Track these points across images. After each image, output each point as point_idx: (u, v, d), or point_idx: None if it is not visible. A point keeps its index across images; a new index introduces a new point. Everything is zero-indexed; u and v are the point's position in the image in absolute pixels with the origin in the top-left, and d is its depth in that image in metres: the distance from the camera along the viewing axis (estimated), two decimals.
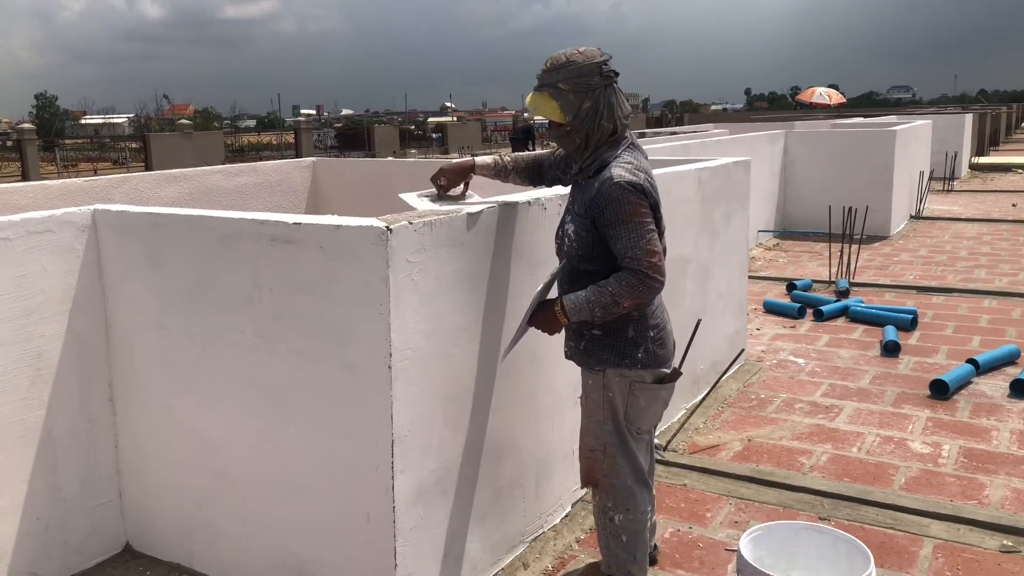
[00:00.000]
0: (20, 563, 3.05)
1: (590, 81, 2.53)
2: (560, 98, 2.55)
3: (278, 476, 2.91)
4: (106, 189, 5.65)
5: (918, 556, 3.26)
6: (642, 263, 2.46)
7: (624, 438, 2.72)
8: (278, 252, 2.74)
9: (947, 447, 4.22)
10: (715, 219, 4.95)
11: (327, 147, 33.20)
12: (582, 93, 2.53)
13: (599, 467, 2.75)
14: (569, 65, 2.54)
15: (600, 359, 2.67)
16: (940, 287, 7.65)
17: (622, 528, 2.77)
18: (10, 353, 2.96)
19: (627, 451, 2.73)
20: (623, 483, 2.73)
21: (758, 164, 7.88)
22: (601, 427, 2.72)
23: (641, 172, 2.54)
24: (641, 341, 2.64)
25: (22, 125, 25.82)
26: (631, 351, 2.64)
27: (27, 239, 2.99)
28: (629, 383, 2.66)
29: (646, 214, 2.49)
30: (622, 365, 2.64)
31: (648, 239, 2.48)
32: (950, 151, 15.42)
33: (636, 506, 2.76)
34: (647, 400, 2.69)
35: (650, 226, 2.49)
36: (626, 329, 2.63)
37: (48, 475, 3.11)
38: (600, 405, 2.71)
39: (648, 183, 2.54)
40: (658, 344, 2.68)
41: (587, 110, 2.54)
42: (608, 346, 2.65)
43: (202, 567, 3.21)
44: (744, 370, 5.45)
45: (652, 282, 2.48)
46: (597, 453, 2.75)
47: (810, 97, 27.82)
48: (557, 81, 2.54)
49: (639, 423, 2.72)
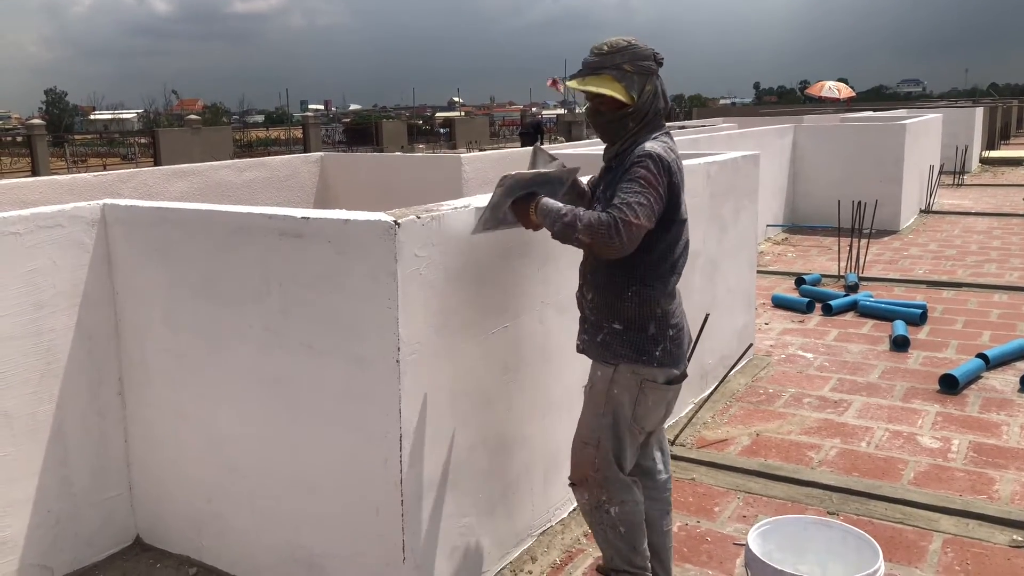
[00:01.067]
0: (31, 555, 3.08)
1: (650, 65, 2.59)
2: (625, 79, 2.57)
3: (287, 469, 2.92)
4: (115, 184, 5.67)
5: (927, 551, 3.25)
6: (622, 212, 2.39)
7: (620, 433, 2.68)
8: (287, 246, 2.75)
9: (957, 442, 4.21)
10: (724, 213, 4.94)
11: (335, 142, 33.23)
12: (644, 75, 2.58)
13: (589, 462, 2.71)
14: (632, 48, 2.58)
15: (616, 353, 2.63)
16: (950, 282, 7.61)
17: (619, 519, 2.74)
18: (21, 347, 2.98)
19: (620, 447, 2.69)
20: (615, 475, 2.70)
21: (767, 158, 7.86)
22: (599, 420, 2.68)
23: (672, 153, 2.56)
24: (661, 339, 2.62)
25: (32, 120, 25.92)
26: (650, 348, 2.61)
27: (37, 234, 3.01)
28: (640, 380, 2.62)
29: (657, 185, 2.45)
30: (639, 361, 2.61)
31: (640, 201, 2.41)
32: (960, 145, 15.34)
33: (632, 496, 2.73)
34: (655, 400, 2.67)
35: (651, 196, 2.44)
36: (647, 326, 2.60)
37: (59, 468, 3.13)
38: (603, 397, 2.68)
39: (676, 165, 2.55)
40: (676, 344, 2.66)
41: (649, 92, 2.59)
42: (627, 341, 2.62)
43: (212, 560, 3.22)
44: (752, 365, 5.44)
45: (616, 235, 2.38)
46: (589, 448, 2.71)
47: (819, 91, 27.70)
48: (622, 63, 2.56)
49: (643, 423, 2.69)
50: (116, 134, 38.03)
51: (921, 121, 11.56)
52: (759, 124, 12.94)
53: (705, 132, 10.63)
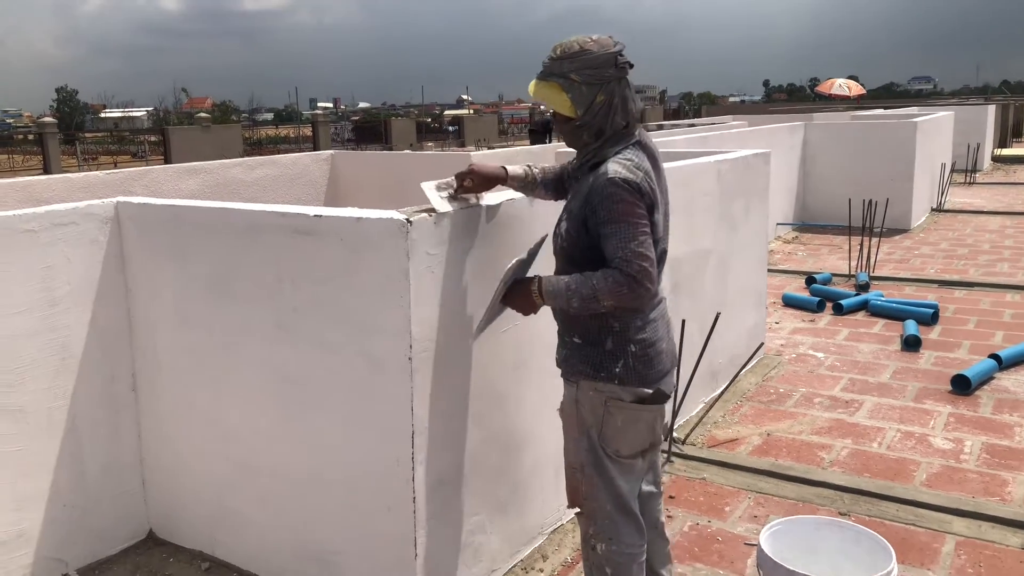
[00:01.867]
0: (46, 549, 3.10)
1: (604, 73, 2.32)
2: (572, 91, 2.34)
3: (299, 466, 2.93)
4: (127, 182, 5.70)
5: (940, 553, 3.23)
6: (632, 265, 2.23)
7: (599, 459, 2.45)
8: (299, 244, 2.76)
9: (969, 443, 4.19)
10: (734, 211, 4.93)
11: (344, 140, 33.25)
12: (596, 86, 2.32)
13: (580, 488, 2.51)
14: (583, 55, 2.32)
15: (576, 369, 2.45)
16: (962, 281, 7.57)
17: (605, 559, 2.49)
18: (36, 343, 3.00)
19: (603, 474, 2.45)
20: (602, 507, 2.47)
21: (777, 156, 7.83)
22: (577, 445, 2.49)
23: (639, 171, 2.31)
24: (620, 355, 2.39)
25: (43, 119, 26.08)
26: (608, 364, 2.40)
27: (52, 231, 3.03)
28: (604, 399, 2.41)
29: (641, 215, 2.27)
30: (597, 379, 2.41)
31: (640, 241, 2.25)
32: (972, 143, 15.24)
33: (620, 536, 2.48)
34: (625, 420, 2.42)
35: (643, 227, 2.27)
36: (604, 341, 2.40)
37: (73, 463, 3.15)
38: (573, 420, 2.49)
39: (647, 183, 2.31)
40: (642, 361, 2.40)
41: (600, 104, 2.33)
42: (585, 356, 2.43)
43: (224, 555, 3.24)
44: (763, 364, 5.42)
45: (638, 287, 2.23)
46: (577, 473, 2.50)
47: (829, 89, 27.58)
48: (569, 72, 2.33)
49: (616, 445, 2.44)
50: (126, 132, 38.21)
51: (932, 119, 11.50)
52: (769, 122, 12.89)
53: (715, 130, 10.60)
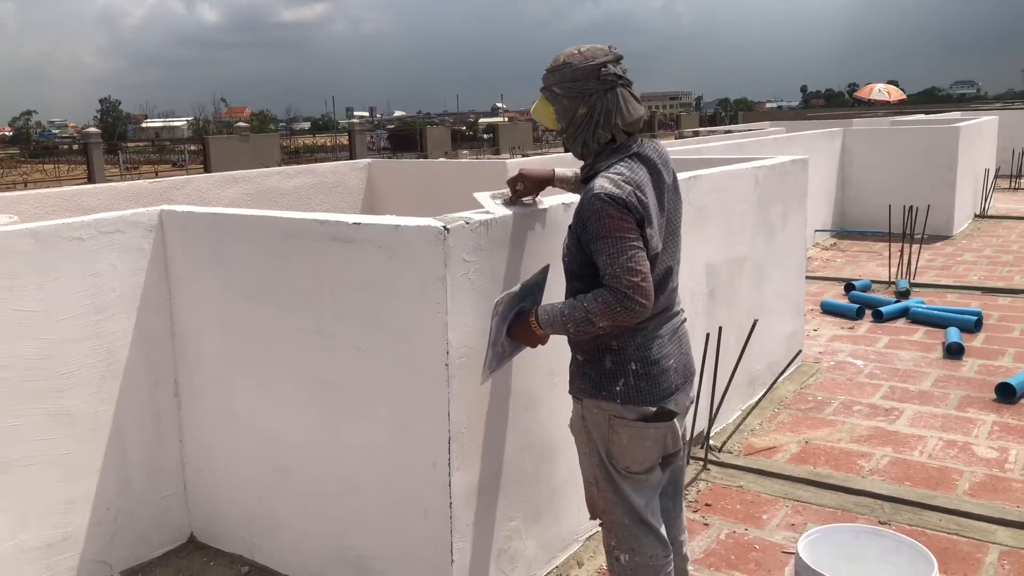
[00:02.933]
0: (91, 551, 3.17)
1: (585, 86, 2.33)
2: (555, 103, 2.39)
3: (337, 471, 2.97)
4: (170, 190, 5.82)
5: (983, 563, 3.17)
6: (621, 281, 2.22)
7: (609, 474, 2.45)
8: (338, 251, 2.80)
9: (1014, 452, 4.10)
10: (772, 218, 4.89)
11: (380, 148, 33.56)
12: (576, 98, 2.34)
13: (598, 502, 2.52)
14: (564, 68, 2.36)
15: (578, 387, 2.48)
16: (1007, 288, 7.42)
17: (630, 570, 2.49)
18: (83, 349, 3.08)
19: (616, 489, 2.46)
20: (619, 520, 2.47)
21: (815, 162, 7.75)
22: (588, 459, 2.51)
23: (628, 184, 2.27)
24: (620, 374, 2.38)
25: (88, 129, 26.65)
26: (608, 384, 2.39)
27: (98, 239, 3.11)
28: (607, 417, 2.40)
29: (629, 229, 2.24)
30: (599, 397, 2.41)
31: (630, 256, 2.22)
32: (1017, 148, 14.93)
33: (642, 547, 2.47)
34: (630, 438, 2.40)
35: (633, 242, 2.24)
36: (603, 359, 2.40)
37: (118, 467, 3.22)
38: (582, 436, 2.51)
39: (635, 196, 2.26)
40: (645, 379, 2.38)
41: (581, 117, 2.35)
42: (586, 375, 2.44)
43: (263, 559, 3.28)
44: (801, 371, 5.37)
45: (631, 303, 2.22)
46: (592, 487, 2.53)
47: (869, 94, 27.20)
48: (552, 84, 2.38)
49: (624, 462, 2.43)
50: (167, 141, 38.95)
51: (976, 123, 11.29)
52: (807, 128, 12.76)
53: (752, 136, 10.52)
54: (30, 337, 2.93)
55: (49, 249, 2.97)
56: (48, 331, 2.97)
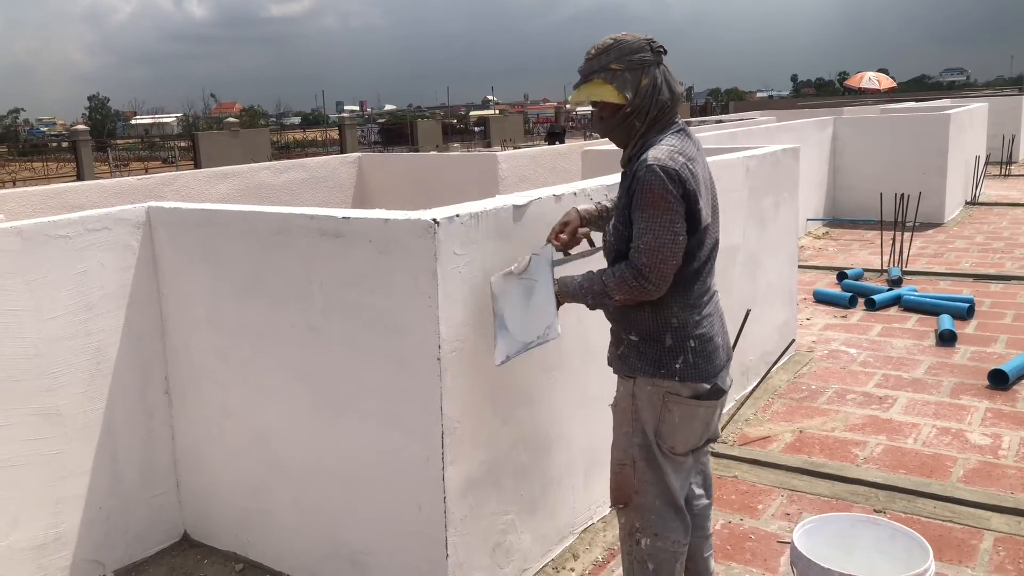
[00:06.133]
0: (84, 551, 3.15)
1: (644, 57, 2.38)
2: (616, 79, 2.38)
3: (330, 467, 2.95)
4: (158, 187, 5.78)
5: (978, 550, 3.18)
6: (642, 258, 2.27)
7: (652, 454, 2.47)
8: (328, 246, 2.78)
9: (1007, 438, 4.11)
10: (763, 208, 4.88)
11: (371, 142, 33.48)
12: (638, 70, 2.37)
13: (629, 483, 2.51)
14: (619, 44, 2.39)
15: (634, 366, 2.47)
16: (998, 275, 7.44)
17: (649, 554, 2.50)
18: (71, 347, 3.05)
19: (656, 469, 2.47)
20: (651, 503, 2.48)
21: (807, 151, 7.74)
22: (629, 440, 2.50)
23: (680, 156, 2.32)
24: (679, 351, 2.41)
25: (76, 126, 26.52)
26: (668, 361, 2.41)
27: (86, 236, 3.08)
28: (663, 394, 2.42)
29: (671, 208, 2.27)
30: (657, 375, 2.42)
31: (658, 235, 2.26)
32: (1007, 135, 14.97)
33: (667, 532, 2.49)
34: (682, 416, 2.44)
35: (669, 222, 2.27)
36: (663, 337, 2.41)
37: (109, 466, 3.20)
38: (628, 415, 2.50)
39: (688, 169, 2.31)
40: (701, 356, 2.42)
41: (647, 86, 2.37)
42: (643, 353, 2.44)
43: (257, 556, 3.27)
44: (794, 360, 5.37)
45: (643, 282, 2.28)
46: (627, 468, 2.51)
47: (859, 82, 27.24)
48: (609, 63, 2.38)
49: (671, 441, 2.46)
50: (157, 138, 38.74)
51: (966, 111, 11.31)
52: (798, 117, 12.76)
53: (743, 126, 10.52)
54: (17, 336, 2.90)
55: (36, 247, 2.94)
56: (36, 330, 2.95)
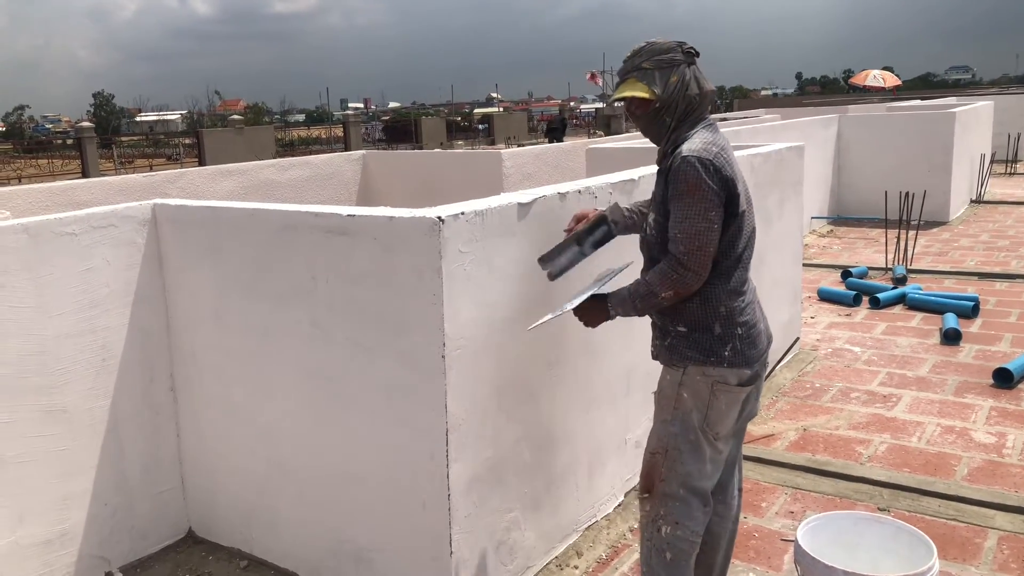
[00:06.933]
0: (89, 547, 3.16)
1: (674, 57, 2.52)
2: (646, 77, 2.53)
3: (335, 464, 2.96)
4: (163, 184, 5.80)
5: (982, 548, 3.18)
6: (680, 247, 2.36)
7: (687, 444, 2.52)
8: (333, 243, 2.78)
9: (1012, 437, 4.11)
10: (768, 205, 4.88)
11: (375, 140, 33.49)
12: (667, 69, 2.52)
13: (658, 472, 2.56)
14: (649, 46, 2.56)
15: (684, 356, 2.52)
16: (1003, 273, 7.43)
17: (668, 543, 2.54)
18: (77, 344, 3.06)
19: (691, 456, 2.52)
20: (675, 491, 2.53)
21: (811, 149, 7.73)
22: (666, 428, 2.55)
23: (714, 147, 2.44)
24: (728, 339, 2.49)
25: (81, 124, 26.56)
26: (718, 348, 2.48)
27: (92, 234, 3.08)
28: (711, 383, 2.49)
29: (707, 197, 2.37)
30: (707, 363, 2.49)
31: (694, 223, 2.35)
32: (1013, 133, 14.94)
33: (688, 521, 2.54)
34: (728, 402, 2.51)
35: (705, 211, 2.36)
36: (712, 326, 2.49)
37: (115, 462, 3.21)
38: (670, 403, 2.55)
39: (722, 158, 2.43)
40: (747, 343, 2.51)
41: (675, 84, 2.51)
42: (694, 343, 2.50)
43: (262, 552, 3.28)
44: (799, 359, 5.37)
45: (686, 272, 2.37)
46: (658, 456, 2.56)
47: (864, 80, 27.16)
48: (641, 63, 2.54)
49: (718, 428, 2.52)
50: (161, 135, 38.81)
51: (971, 109, 11.27)
52: (802, 115, 12.73)
53: (748, 124, 10.49)
54: (24, 333, 2.91)
55: (42, 244, 2.95)
56: (42, 327, 2.96)
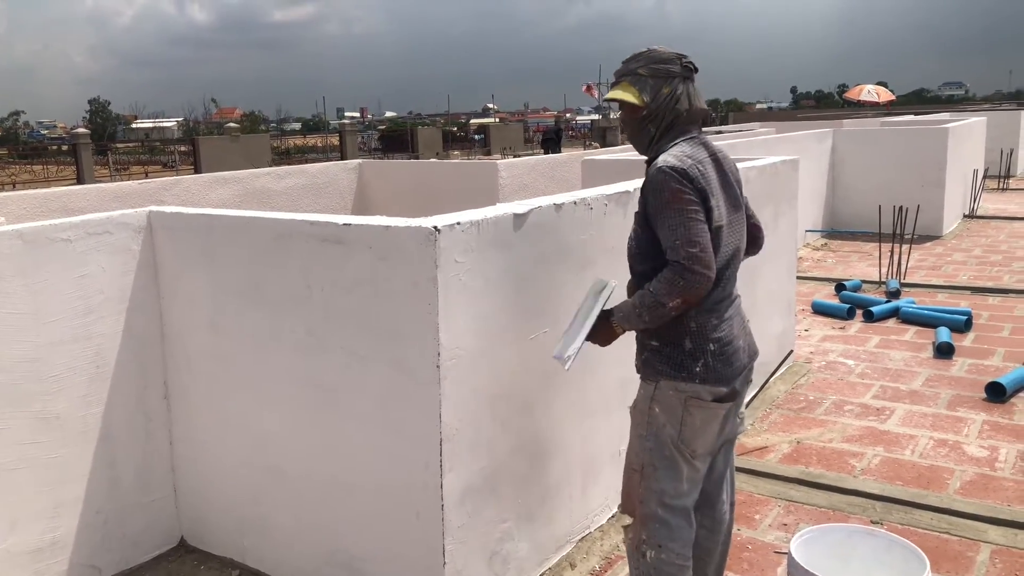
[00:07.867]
0: (81, 555, 3.14)
1: (670, 68, 2.51)
2: (639, 83, 2.52)
3: (329, 473, 2.95)
4: (159, 191, 5.79)
5: (975, 562, 3.18)
6: (680, 253, 2.32)
7: (667, 457, 2.49)
8: (328, 252, 2.78)
9: (1004, 451, 4.12)
10: (762, 219, 4.88)
11: (371, 149, 33.52)
12: (661, 79, 2.51)
13: (636, 491, 2.54)
14: (649, 53, 2.55)
15: (656, 370, 2.50)
16: (996, 288, 7.46)
17: (655, 568, 2.48)
18: (71, 351, 3.05)
19: (666, 473, 2.49)
20: (654, 511, 2.49)
21: (806, 163, 7.76)
22: (642, 443, 2.53)
23: (689, 159, 2.41)
24: (700, 355, 2.45)
25: (77, 130, 26.53)
26: (689, 364, 2.45)
27: (87, 240, 3.08)
28: (684, 398, 2.46)
29: (689, 201, 2.34)
30: (679, 378, 2.46)
31: (688, 227, 2.33)
32: (1005, 148, 15.02)
33: (672, 543, 2.48)
34: (703, 419, 2.48)
35: (692, 214, 2.34)
36: (682, 341, 2.46)
37: (107, 470, 3.20)
38: (644, 417, 2.53)
39: (696, 169, 2.39)
40: (721, 360, 2.47)
41: (666, 95, 2.50)
42: (666, 357, 2.48)
43: (254, 562, 3.26)
44: (792, 371, 5.38)
45: (691, 275, 2.30)
46: (635, 475, 2.54)
47: (858, 95, 27.31)
48: (637, 68, 2.53)
49: (693, 445, 2.49)
50: (157, 142, 38.80)
51: (964, 124, 11.35)
52: (797, 129, 12.80)
53: (743, 137, 10.55)
54: (17, 340, 2.90)
55: (36, 251, 2.95)
56: (36, 334, 2.95)
